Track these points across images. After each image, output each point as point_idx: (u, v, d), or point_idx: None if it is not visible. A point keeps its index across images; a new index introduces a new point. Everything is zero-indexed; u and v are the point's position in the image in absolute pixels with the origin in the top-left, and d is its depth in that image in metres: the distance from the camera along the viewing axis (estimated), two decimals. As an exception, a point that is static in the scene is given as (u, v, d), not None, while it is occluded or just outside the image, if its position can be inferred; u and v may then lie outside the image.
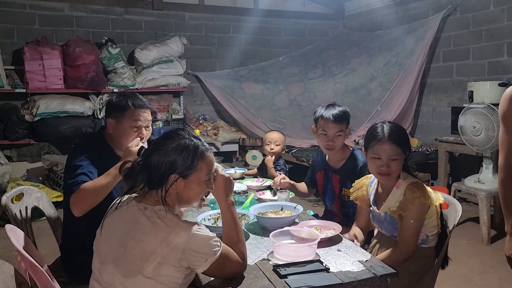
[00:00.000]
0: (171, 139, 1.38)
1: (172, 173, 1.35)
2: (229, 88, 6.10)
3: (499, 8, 4.61)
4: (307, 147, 5.38)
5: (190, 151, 1.37)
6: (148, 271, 1.27)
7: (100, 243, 1.39)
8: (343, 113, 2.34)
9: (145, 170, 1.37)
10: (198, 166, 1.38)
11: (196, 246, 1.29)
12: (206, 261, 1.30)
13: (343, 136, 2.34)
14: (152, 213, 1.33)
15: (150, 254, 1.27)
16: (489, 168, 3.74)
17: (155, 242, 1.28)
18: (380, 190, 1.97)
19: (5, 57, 5.24)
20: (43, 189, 4.44)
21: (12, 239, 1.40)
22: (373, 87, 5.77)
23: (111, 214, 1.40)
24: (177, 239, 1.27)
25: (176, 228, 1.29)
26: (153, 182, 1.36)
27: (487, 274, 3.07)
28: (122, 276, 1.30)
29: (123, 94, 2.16)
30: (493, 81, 4.35)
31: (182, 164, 1.36)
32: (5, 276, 1.31)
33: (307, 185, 2.67)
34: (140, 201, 1.37)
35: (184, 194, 1.39)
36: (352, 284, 1.39)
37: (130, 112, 2.07)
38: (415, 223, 1.79)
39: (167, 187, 1.35)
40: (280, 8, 6.69)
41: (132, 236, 1.31)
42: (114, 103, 2.11)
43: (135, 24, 6.00)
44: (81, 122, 5.22)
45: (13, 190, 2.07)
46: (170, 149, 1.36)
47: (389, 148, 1.83)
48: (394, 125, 1.91)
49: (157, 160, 1.35)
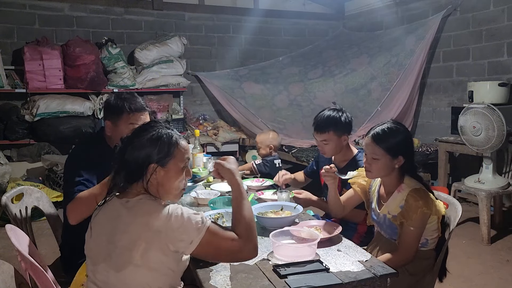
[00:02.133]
0: (145, 131, 1.41)
1: (150, 163, 1.38)
2: (229, 88, 6.10)
3: (499, 8, 4.61)
4: (307, 147, 5.38)
5: (164, 139, 1.40)
6: (137, 258, 1.28)
7: (89, 245, 1.41)
8: (327, 121, 2.29)
9: (122, 166, 1.39)
10: (175, 152, 1.41)
11: (177, 225, 1.29)
12: (191, 243, 1.29)
13: (331, 143, 2.31)
14: (133, 204, 1.35)
15: (136, 241, 1.28)
16: (489, 168, 3.74)
17: (138, 229, 1.29)
18: (382, 191, 1.97)
19: (5, 57, 5.23)
20: (43, 189, 4.44)
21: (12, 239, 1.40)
22: (373, 87, 5.77)
23: (96, 215, 1.42)
24: (157, 222, 1.29)
25: (156, 212, 1.31)
26: (132, 175, 1.38)
27: (487, 274, 3.07)
28: (115, 271, 1.31)
29: (120, 95, 2.12)
30: (493, 81, 4.36)
31: (159, 153, 1.38)
32: (5, 276, 1.31)
33: (306, 175, 2.74)
34: (121, 197, 1.39)
35: (165, 182, 1.40)
36: (352, 284, 1.39)
37: (126, 115, 2.04)
38: (415, 230, 1.78)
39: (148, 177, 1.37)
40: (280, 8, 6.69)
41: (117, 229, 1.32)
42: (111, 105, 2.09)
43: (135, 24, 6.00)
44: (81, 122, 5.22)
45: (13, 190, 2.07)
46: (145, 140, 1.38)
47: (370, 146, 1.85)
48: (389, 127, 1.86)
49: (134, 153, 1.37)
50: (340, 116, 2.32)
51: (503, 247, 3.53)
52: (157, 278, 1.32)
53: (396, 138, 1.84)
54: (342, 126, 2.32)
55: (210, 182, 2.79)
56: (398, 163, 1.84)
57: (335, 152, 2.37)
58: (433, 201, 1.80)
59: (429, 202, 1.78)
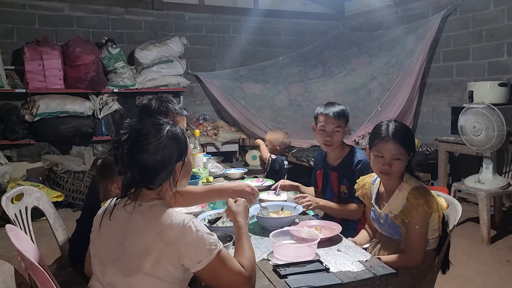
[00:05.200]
0: (159, 132, 1.35)
1: (177, 161, 1.37)
2: (229, 88, 6.11)
3: (499, 8, 4.61)
4: (307, 147, 5.38)
5: (178, 134, 1.38)
6: (147, 268, 1.26)
7: (97, 246, 1.39)
8: (342, 111, 2.37)
9: (140, 171, 1.32)
10: (187, 140, 1.44)
11: (189, 240, 1.25)
12: (199, 263, 1.25)
13: (341, 132, 2.36)
14: (147, 209, 1.32)
15: (147, 251, 1.26)
16: (489, 168, 3.74)
17: (150, 236, 1.27)
18: (382, 190, 1.97)
19: (5, 57, 5.24)
20: (43, 189, 4.44)
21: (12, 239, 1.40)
22: (373, 87, 5.77)
23: (105, 216, 1.38)
24: (171, 232, 1.26)
25: (170, 222, 1.28)
26: (155, 178, 1.33)
27: (487, 274, 3.07)
28: (123, 275, 1.29)
29: (161, 98, 2.15)
30: (493, 81, 4.36)
31: (182, 149, 1.39)
32: (5, 276, 1.31)
33: (314, 187, 2.66)
34: (134, 199, 1.35)
35: (183, 173, 1.40)
36: (352, 284, 1.39)
37: (171, 118, 2.07)
38: (420, 228, 1.78)
39: (177, 176, 1.37)
40: (280, 8, 6.69)
41: (128, 234, 1.30)
42: (151, 109, 2.10)
43: (135, 24, 6.00)
44: (81, 122, 5.23)
45: (13, 190, 2.07)
46: (165, 141, 1.33)
47: (392, 147, 1.82)
48: (399, 124, 1.88)
49: (155, 157, 1.31)
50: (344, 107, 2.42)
51: (503, 247, 3.53)
52: (165, 287, 1.29)
53: (410, 135, 1.89)
54: (347, 116, 2.41)
55: (210, 182, 2.80)
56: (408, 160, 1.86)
57: (340, 143, 2.39)
58: (434, 198, 1.81)
59: (430, 200, 1.78)
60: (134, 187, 1.34)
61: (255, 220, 1.94)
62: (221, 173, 3.03)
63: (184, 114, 2.20)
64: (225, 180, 2.92)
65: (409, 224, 1.80)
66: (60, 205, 4.59)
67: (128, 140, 1.33)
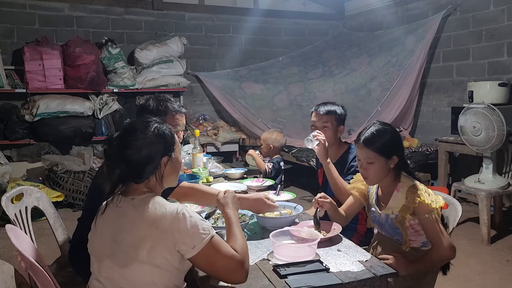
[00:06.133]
0: (146, 128, 1.40)
1: (162, 157, 1.41)
2: (229, 88, 6.11)
3: (499, 8, 4.61)
4: (307, 147, 5.36)
5: (166, 131, 1.43)
6: (142, 255, 1.28)
7: (93, 244, 1.42)
8: (332, 107, 2.41)
9: (128, 167, 1.37)
10: (175, 138, 1.47)
11: (183, 227, 1.29)
12: (194, 248, 1.28)
13: (331, 129, 2.39)
14: (139, 202, 1.35)
15: (142, 238, 1.29)
16: (489, 168, 3.74)
17: (144, 227, 1.30)
18: (380, 192, 1.97)
19: (5, 57, 5.24)
20: (43, 189, 4.44)
21: (12, 239, 1.40)
22: (373, 87, 5.76)
23: (101, 215, 1.42)
24: (165, 221, 1.29)
25: (163, 210, 1.31)
26: (143, 173, 1.38)
27: (487, 274, 3.07)
28: (119, 267, 1.31)
29: (158, 98, 2.18)
30: (493, 81, 4.36)
31: (167, 145, 1.42)
32: (5, 276, 1.31)
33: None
34: (126, 194, 1.39)
35: (169, 169, 1.44)
36: (352, 284, 1.39)
37: (171, 116, 2.10)
38: (430, 216, 1.75)
39: (162, 171, 1.41)
40: (280, 8, 6.70)
41: (123, 228, 1.33)
42: (151, 108, 2.11)
43: (135, 24, 6.00)
44: (81, 122, 5.23)
45: (13, 190, 2.07)
46: (152, 137, 1.39)
47: (364, 151, 1.85)
48: (378, 128, 1.86)
49: (142, 152, 1.37)
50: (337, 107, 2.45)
51: (503, 247, 3.53)
52: (162, 275, 1.32)
53: (386, 138, 1.85)
54: (339, 115, 2.43)
55: (210, 182, 2.79)
56: (392, 163, 1.84)
57: (333, 141, 2.40)
58: (430, 194, 1.81)
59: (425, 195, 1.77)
60: (122, 182, 1.39)
61: (255, 220, 1.94)
62: (221, 173, 3.03)
63: (183, 111, 2.20)
64: (225, 180, 2.92)
65: (419, 217, 1.78)
66: (60, 205, 4.59)
67: (118, 137, 1.40)
